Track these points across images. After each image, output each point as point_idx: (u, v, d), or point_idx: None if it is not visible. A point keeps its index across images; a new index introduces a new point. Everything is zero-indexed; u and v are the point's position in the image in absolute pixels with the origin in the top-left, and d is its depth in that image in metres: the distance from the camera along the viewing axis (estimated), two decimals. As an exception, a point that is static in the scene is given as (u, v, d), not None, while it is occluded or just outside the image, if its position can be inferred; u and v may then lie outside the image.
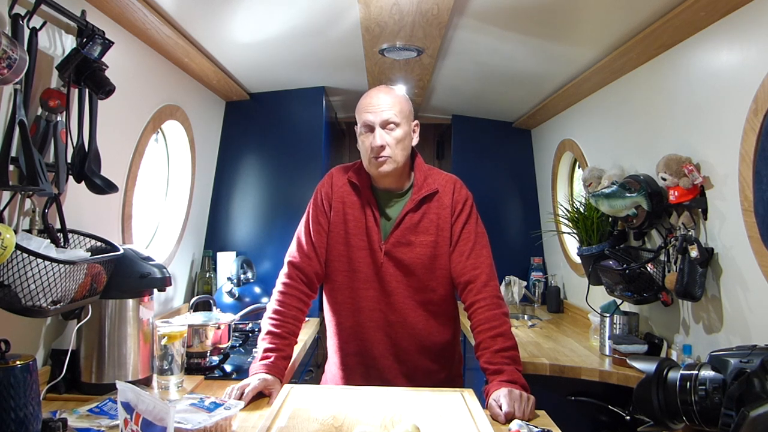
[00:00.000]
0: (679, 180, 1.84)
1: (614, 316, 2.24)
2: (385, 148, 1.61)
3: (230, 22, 2.05)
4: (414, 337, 1.69)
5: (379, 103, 1.62)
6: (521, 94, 3.04)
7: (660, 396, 1.23)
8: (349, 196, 1.72)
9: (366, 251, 1.68)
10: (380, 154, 1.61)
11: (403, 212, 1.68)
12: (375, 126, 1.61)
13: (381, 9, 1.93)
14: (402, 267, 1.67)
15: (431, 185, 1.70)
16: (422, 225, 1.68)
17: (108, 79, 1.54)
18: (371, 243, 1.68)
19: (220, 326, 1.93)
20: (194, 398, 1.37)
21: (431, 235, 1.68)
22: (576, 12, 1.90)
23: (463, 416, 1.30)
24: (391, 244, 1.67)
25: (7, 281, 1.26)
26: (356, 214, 1.70)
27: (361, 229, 1.69)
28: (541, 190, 3.59)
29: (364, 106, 1.65)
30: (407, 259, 1.67)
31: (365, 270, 1.69)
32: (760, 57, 1.54)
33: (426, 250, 1.67)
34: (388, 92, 1.66)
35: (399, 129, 1.62)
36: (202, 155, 2.79)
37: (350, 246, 1.69)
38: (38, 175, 1.33)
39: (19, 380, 1.12)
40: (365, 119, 1.63)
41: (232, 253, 3.00)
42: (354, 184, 1.73)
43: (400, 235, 1.67)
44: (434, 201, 1.70)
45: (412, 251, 1.67)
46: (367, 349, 1.71)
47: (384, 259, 1.67)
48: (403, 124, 1.64)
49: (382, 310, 1.69)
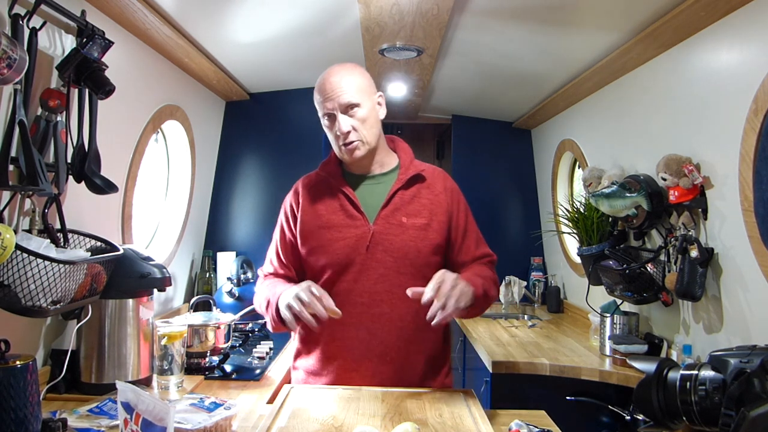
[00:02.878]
0: (679, 180, 1.84)
1: (614, 316, 2.24)
2: (351, 132, 1.49)
3: (230, 22, 2.05)
4: (402, 331, 1.51)
5: (334, 88, 1.49)
6: (521, 94, 3.04)
7: (660, 396, 1.23)
8: (319, 189, 1.60)
9: (348, 240, 1.52)
10: (348, 140, 1.50)
11: (392, 190, 1.54)
12: (336, 113, 1.49)
13: (381, 9, 1.93)
14: (392, 251, 1.51)
15: (419, 167, 1.60)
16: (414, 206, 1.54)
17: (108, 79, 1.54)
18: (353, 228, 1.52)
19: (220, 326, 1.93)
20: (194, 398, 1.37)
21: (424, 218, 1.54)
22: (576, 12, 1.90)
23: (463, 416, 1.30)
24: (381, 226, 1.52)
25: (7, 281, 1.26)
26: (329, 207, 1.56)
27: (339, 217, 1.54)
28: (541, 190, 3.59)
29: (320, 90, 1.52)
30: (399, 242, 1.51)
31: (346, 260, 1.51)
32: (760, 57, 1.54)
33: (419, 233, 1.52)
34: (340, 72, 1.52)
35: (361, 108, 1.50)
36: (202, 155, 2.79)
37: (328, 239, 1.53)
38: (38, 175, 1.33)
39: (19, 380, 1.12)
40: (324, 108, 1.51)
41: (232, 253, 3.00)
42: (321, 178, 1.61)
43: (390, 215, 1.53)
44: (425, 186, 1.58)
45: (405, 233, 1.52)
46: (344, 349, 1.52)
47: (371, 243, 1.51)
48: (365, 102, 1.51)
49: (364, 303, 1.50)
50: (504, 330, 2.75)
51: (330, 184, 1.58)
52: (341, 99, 1.48)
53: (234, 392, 1.70)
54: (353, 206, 1.54)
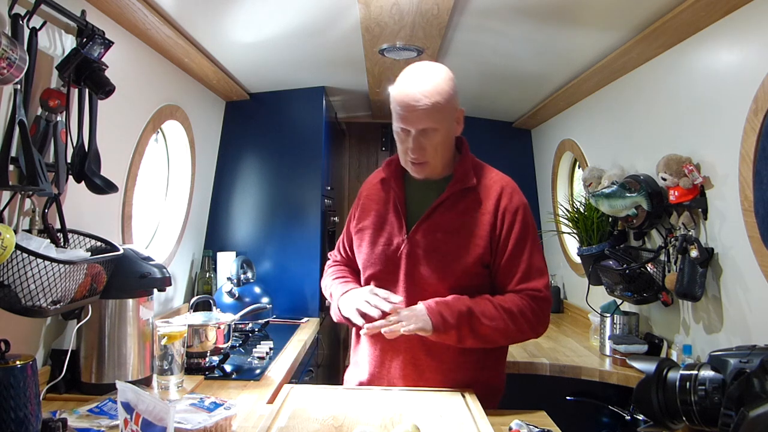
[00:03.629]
0: (679, 180, 1.84)
1: (614, 316, 2.24)
2: (422, 154, 1.45)
3: (230, 22, 2.05)
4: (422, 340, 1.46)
5: (415, 108, 1.39)
6: (521, 93, 3.04)
7: (660, 396, 1.24)
8: (377, 191, 1.60)
9: (383, 247, 1.52)
10: (417, 161, 1.46)
11: (433, 205, 1.49)
12: (411, 132, 1.43)
13: (381, 9, 1.93)
14: (421, 267, 1.48)
15: (471, 180, 1.51)
16: (454, 224, 1.48)
17: (108, 79, 1.54)
18: (391, 238, 1.52)
19: (220, 326, 1.93)
20: (194, 398, 1.37)
21: (461, 237, 1.47)
22: (576, 12, 1.90)
23: (463, 416, 1.30)
24: (413, 240, 1.48)
25: (7, 281, 1.26)
26: (380, 209, 1.57)
27: (383, 224, 1.55)
28: (541, 190, 3.59)
29: (399, 106, 1.42)
30: (429, 258, 1.47)
31: (379, 266, 1.53)
32: (760, 57, 1.54)
33: (453, 251, 1.46)
34: (425, 86, 1.40)
35: (438, 133, 1.43)
36: (202, 155, 2.79)
37: (373, 244, 1.55)
38: (38, 175, 1.33)
39: (19, 380, 1.12)
40: (400, 122, 1.43)
41: (232, 253, 3.00)
42: (381, 177, 1.62)
43: (428, 228, 1.48)
44: (475, 200, 1.49)
45: (437, 251, 1.47)
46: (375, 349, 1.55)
47: (402, 254, 1.49)
48: (443, 126, 1.44)
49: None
50: (504, 330, 2.75)
51: (386, 184, 1.60)
52: (419, 125, 1.41)
53: (234, 392, 1.70)
54: (397, 212, 1.54)
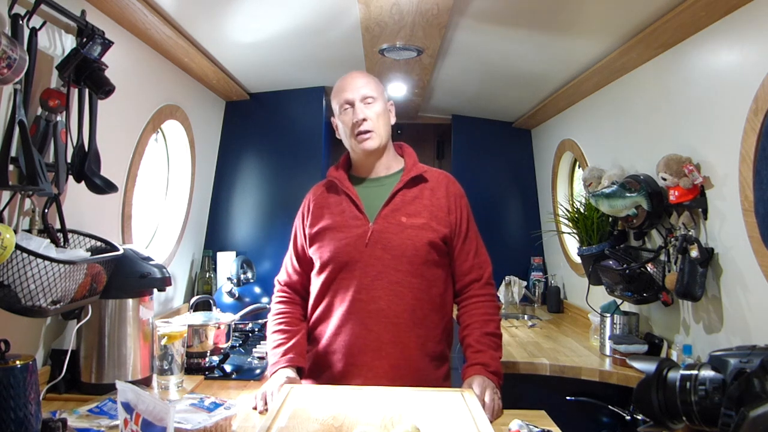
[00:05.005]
0: (679, 180, 1.83)
1: (614, 316, 2.24)
2: (367, 120, 1.60)
3: (230, 22, 2.05)
4: (397, 327, 1.56)
5: (354, 81, 1.63)
6: (521, 94, 3.04)
7: (660, 396, 1.23)
8: (327, 194, 1.69)
9: (349, 239, 1.59)
10: (364, 128, 1.60)
11: (394, 190, 1.62)
12: (354, 101, 1.61)
13: (381, 9, 1.93)
14: (390, 249, 1.57)
15: (421, 169, 1.67)
16: (414, 207, 1.61)
17: (108, 79, 1.54)
18: (354, 228, 1.59)
19: (220, 326, 1.93)
20: (194, 398, 1.37)
21: (423, 218, 1.60)
22: (576, 12, 1.90)
23: (463, 416, 1.30)
24: (380, 224, 1.58)
25: (7, 281, 1.26)
26: (336, 209, 1.64)
27: (343, 218, 1.62)
28: (541, 190, 3.59)
29: (341, 87, 1.65)
30: (397, 240, 1.57)
31: (346, 257, 1.58)
32: (760, 57, 1.54)
33: (418, 232, 1.58)
34: (361, 73, 1.68)
35: (377, 103, 1.63)
36: (202, 155, 2.79)
37: (336, 239, 1.60)
38: (38, 175, 1.33)
39: (19, 380, 1.12)
40: (344, 98, 1.62)
41: (232, 253, 3.00)
42: (329, 183, 1.70)
43: (390, 214, 1.60)
44: (427, 187, 1.65)
45: (403, 232, 1.57)
46: (342, 344, 1.59)
47: (370, 241, 1.57)
48: (380, 99, 1.64)
49: (362, 299, 1.56)
50: (504, 330, 2.75)
51: (336, 188, 1.67)
52: (360, 91, 1.61)
53: (234, 392, 1.70)
54: (356, 207, 1.62)
